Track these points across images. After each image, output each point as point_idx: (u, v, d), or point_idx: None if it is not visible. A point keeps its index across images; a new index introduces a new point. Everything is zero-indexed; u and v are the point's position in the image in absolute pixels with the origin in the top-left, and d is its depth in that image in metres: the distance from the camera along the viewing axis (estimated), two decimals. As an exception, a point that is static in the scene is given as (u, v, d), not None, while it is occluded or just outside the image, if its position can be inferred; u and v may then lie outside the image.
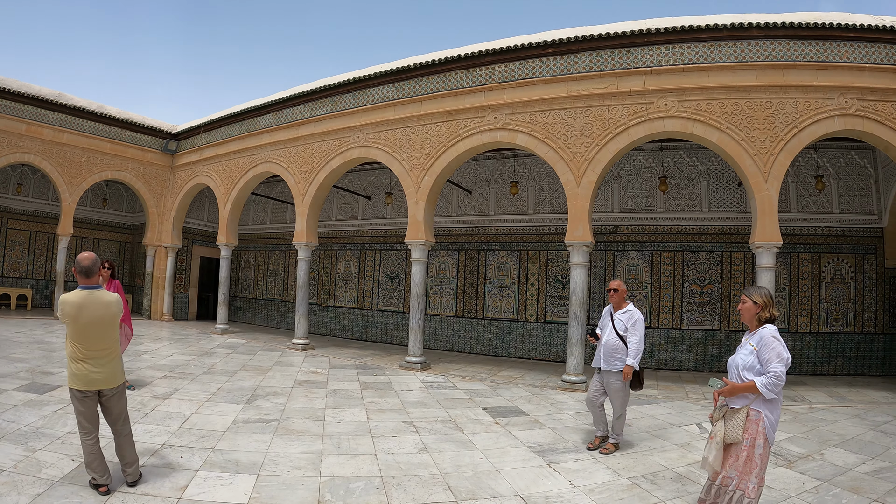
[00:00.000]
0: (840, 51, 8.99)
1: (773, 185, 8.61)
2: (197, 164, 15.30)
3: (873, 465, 5.64)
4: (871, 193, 11.49)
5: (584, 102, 9.27)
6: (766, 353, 3.23)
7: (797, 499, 4.54)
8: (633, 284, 11.95)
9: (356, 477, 4.45)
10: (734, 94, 8.83)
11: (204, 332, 14.01)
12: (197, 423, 5.74)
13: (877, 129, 8.79)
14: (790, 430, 6.94)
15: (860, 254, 11.45)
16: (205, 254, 17.78)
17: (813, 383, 10.35)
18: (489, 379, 9.47)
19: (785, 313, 11.49)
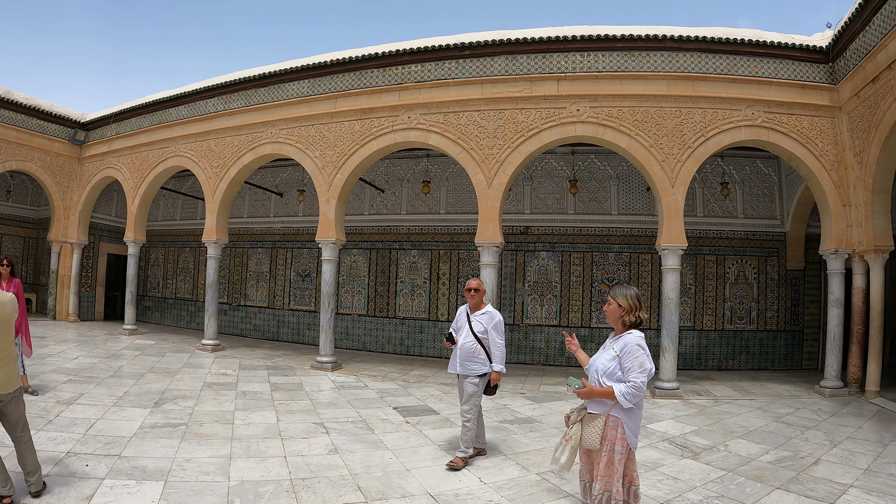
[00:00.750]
0: (749, 65, 9.33)
1: (680, 191, 8.87)
2: (106, 156, 14.47)
3: (776, 454, 5.88)
4: (775, 200, 12.11)
5: (498, 105, 9.30)
6: (628, 362, 3.11)
7: (703, 488, 4.69)
8: (544, 284, 12.17)
9: (266, 480, 4.39)
10: (645, 103, 9.04)
11: (111, 333, 13.35)
12: (103, 429, 5.54)
13: (781, 139, 9.19)
14: (696, 423, 7.17)
15: (763, 256, 12.09)
16: (112, 251, 16.85)
17: (718, 378, 10.82)
18: (400, 378, 9.48)
19: (690, 312, 12.01)
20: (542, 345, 12.06)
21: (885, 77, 8.14)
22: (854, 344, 9.42)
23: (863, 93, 8.78)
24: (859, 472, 5.34)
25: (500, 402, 7.83)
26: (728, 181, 12.02)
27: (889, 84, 8.06)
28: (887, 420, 7.68)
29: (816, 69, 9.62)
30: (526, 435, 6.18)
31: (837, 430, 7.05)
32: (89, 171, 14.97)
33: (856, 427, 7.22)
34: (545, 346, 12.07)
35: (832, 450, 6.12)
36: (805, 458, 5.72)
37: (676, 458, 5.59)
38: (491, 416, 6.92)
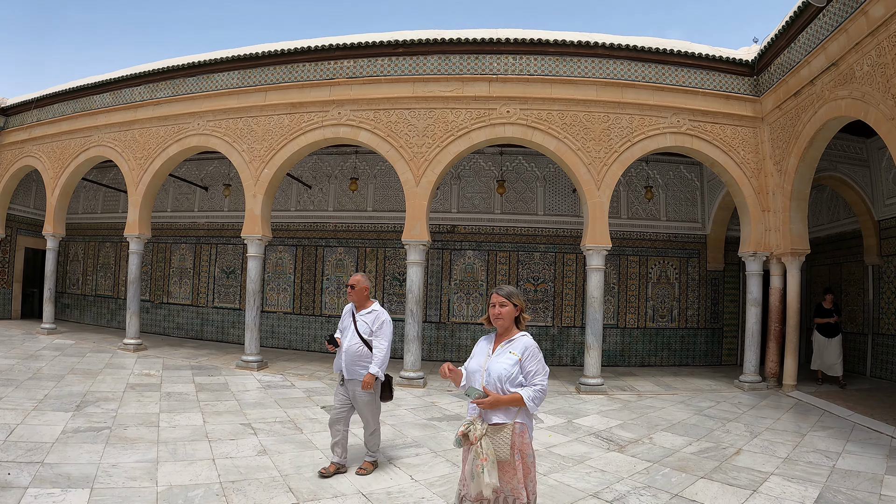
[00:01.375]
0: (677, 75, 9.62)
1: (605, 193, 9.10)
2: (25, 144, 13.65)
3: (699, 445, 6.14)
4: (697, 204, 12.62)
5: (429, 104, 9.30)
6: (532, 365, 3.03)
7: (630, 480, 4.85)
8: (470, 283, 12.24)
9: (195, 484, 4.29)
10: (574, 107, 9.23)
11: (29, 332, 12.69)
12: (24, 434, 5.31)
13: (705, 147, 9.51)
14: (621, 417, 7.41)
15: (685, 257, 12.58)
16: (30, 244, 15.92)
17: (642, 374, 11.21)
18: (328, 377, 9.34)
19: (614, 310, 12.37)
20: (469, 342, 12.05)
21: (806, 91, 8.55)
22: (772, 341, 9.97)
23: (785, 105, 9.18)
24: (779, 460, 5.63)
25: (429, 400, 7.90)
26: (652, 185, 12.42)
27: (810, 98, 8.47)
28: (804, 412, 8.13)
29: (741, 81, 10.01)
30: (455, 432, 6.14)
31: (757, 421, 7.40)
32: (7, 159, 14.08)
33: (774, 419, 7.59)
34: (471, 344, 11.73)
35: (753, 440, 6.42)
36: (727, 449, 5.98)
37: (603, 451, 5.76)
38: (419, 413, 7.03)
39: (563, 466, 5.20)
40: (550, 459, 5.39)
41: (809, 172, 9.15)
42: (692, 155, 10.03)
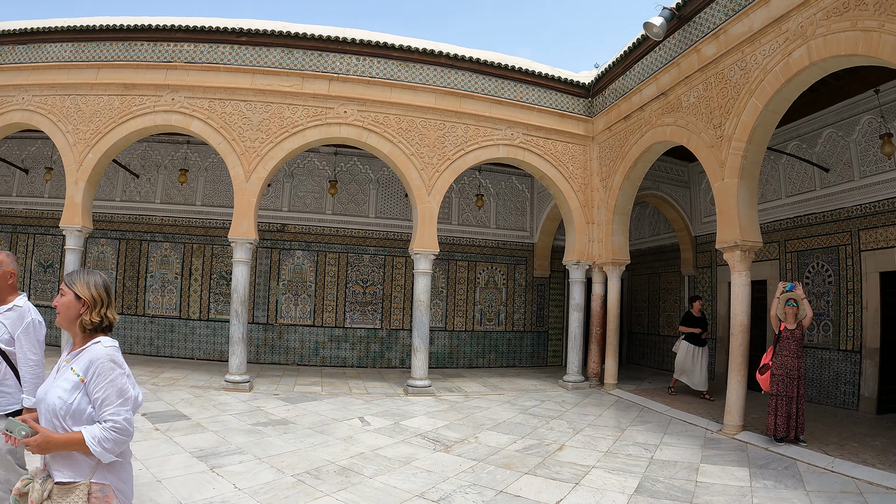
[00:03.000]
0: (516, 90, 10.12)
1: (436, 199, 9.40)
2: None
3: (523, 443, 6.41)
4: (526, 214, 13.41)
5: (267, 98, 9.14)
6: (101, 389, 2.08)
7: (455, 479, 4.98)
8: (299, 284, 12.13)
9: None
10: (412, 112, 9.44)
11: None
12: None
13: (536, 160, 10.08)
14: (448, 417, 7.61)
15: (513, 264, 13.30)
16: None
17: (469, 375, 11.67)
18: (150, 382, 8.96)
19: (442, 314, 12.79)
20: (297, 345, 12.03)
21: (636, 116, 9.35)
22: (593, 343, 10.82)
23: (615, 127, 9.97)
24: (600, 454, 6.02)
25: (254, 405, 7.76)
26: (484, 193, 13.01)
27: (639, 122, 9.27)
28: (624, 408, 8.80)
29: (576, 102, 10.71)
30: (280, 437, 6.16)
31: (580, 418, 7.87)
32: None
33: (596, 415, 8.14)
34: (300, 345, 12.05)
35: (575, 436, 6.83)
36: (550, 445, 6.32)
37: (430, 451, 5.89)
38: (244, 418, 6.90)
39: (389, 468, 5.26)
40: (377, 462, 5.44)
41: (633, 190, 9.99)
42: (523, 167, 10.56)
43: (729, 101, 7.35)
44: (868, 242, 8.36)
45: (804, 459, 6.01)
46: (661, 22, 8.17)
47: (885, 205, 8.12)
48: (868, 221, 8.37)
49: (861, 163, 8.51)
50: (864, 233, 8.41)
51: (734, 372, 7.24)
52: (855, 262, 8.57)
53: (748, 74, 7.04)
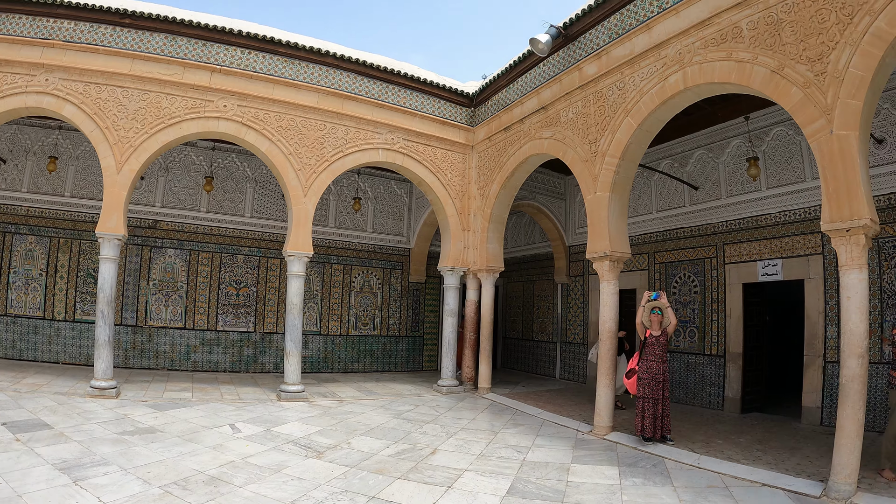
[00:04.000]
0: (400, 95, 11.41)
1: (312, 200, 10.41)
2: None
3: (397, 448, 7.00)
4: (404, 219, 15.00)
5: (146, 85, 9.48)
6: None
7: (327, 486, 5.36)
8: (170, 284, 12.61)
9: None
10: (293, 111, 10.38)
11: None
12: None
13: (415, 166, 11.47)
14: (321, 423, 8.18)
15: (388, 268, 14.81)
16: None
17: (344, 380, 12.77)
18: (11, 388, 8.96)
19: (317, 317, 14.00)
20: (167, 348, 12.40)
21: (516, 128, 10.92)
22: (468, 348, 12.30)
23: (495, 137, 11.56)
24: (473, 457, 6.69)
25: (121, 412, 7.90)
26: (362, 197, 14.36)
27: (518, 134, 10.84)
28: (498, 412, 9.86)
29: (459, 111, 12.24)
30: (147, 446, 6.29)
31: (454, 422, 8.71)
32: None
33: (470, 419, 9.07)
34: (170, 349, 12.45)
35: (448, 440, 7.53)
36: (424, 450, 6.92)
37: (301, 458, 6.29)
38: (110, 427, 7.02)
39: (260, 477, 5.50)
40: (248, 470, 5.68)
41: (509, 199, 11.65)
42: (402, 172, 11.94)
43: (605, 119, 8.69)
44: (732, 256, 10.44)
45: (672, 457, 6.98)
46: (546, 39, 9.38)
47: (748, 222, 10.20)
48: (733, 237, 10.45)
49: (728, 183, 10.61)
50: (729, 247, 10.50)
51: (603, 375, 8.44)
52: (720, 273, 10.62)
53: (625, 95, 8.33)
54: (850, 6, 5.74)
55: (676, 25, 7.50)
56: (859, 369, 5.64)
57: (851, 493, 5.61)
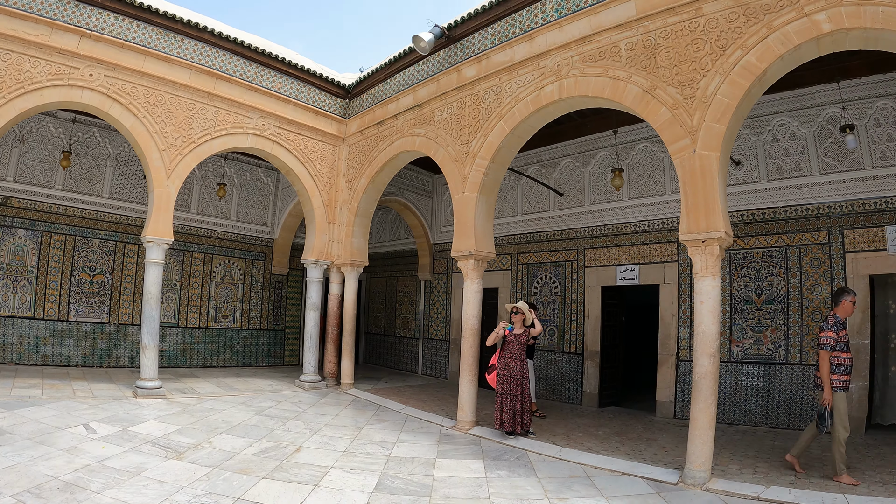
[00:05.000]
0: (276, 80, 12.31)
1: (175, 183, 10.84)
2: None
3: (260, 446, 7.37)
4: (269, 208, 16.05)
5: (9, 45, 9.26)
6: None
7: (190, 488, 5.52)
8: (19, 268, 12.48)
9: None
10: (163, 87, 10.73)
11: None
12: None
13: (284, 154, 12.46)
14: (180, 421, 8.41)
15: (251, 259, 15.79)
16: None
17: (203, 375, 13.36)
18: None
19: (175, 308, 14.58)
20: (15, 340, 12.31)
21: (389, 123, 12.12)
22: (330, 343, 13.40)
23: (367, 131, 12.77)
24: (339, 454, 7.15)
25: None
26: (227, 183, 15.19)
27: (391, 130, 12.05)
28: (361, 407, 10.64)
29: (334, 101, 13.42)
30: None
31: (317, 419, 9.27)
32: None
33: (334, 415, 9.69)
34: (18, 341, 12.34)
35: (312, 437, 8.00)
36: (288, 447, 7.33)
37: (161, 460, 6.44)
38: None
39: (118, 481, 5.56)
40: (104, 474, 5.73)
41: (377, 194, 12.97)
42: (270, 160, 12.88)
43: (479, 122, 9.77)
44: (592, 260, 12.45)
45: (535, 450, 7.85)
46: (430, 38, 10.22)
47: (609, 229, 12.25)
48: (594, 242, 12.46)
49: (593, 191, 12.64)
50: (590, 251, 12.52)
51: (465, 371, 9.47)
52: (580, 276, 12.61)
53: (501, 99, 9.42)
54: (725, 40, 6.97)
55: (558, 38, 8.65)
56: (711, 367, 6.75)
57: (706, 479, 6.65)
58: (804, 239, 10.15)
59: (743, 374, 10.39)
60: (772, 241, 10.43)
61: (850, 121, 9.30)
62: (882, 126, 9.59)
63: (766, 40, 6.66)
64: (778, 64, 6.72)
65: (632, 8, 7.93)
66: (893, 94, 9.55)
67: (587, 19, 8.37)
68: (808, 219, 10.12)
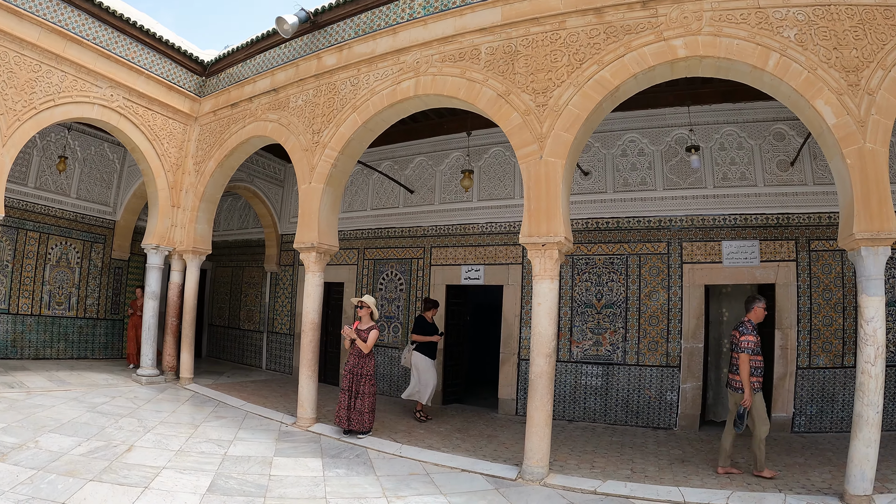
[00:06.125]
0: (132, 49, 12.70)
1: (11, 153, 10.80)
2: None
3: (89, 445, 7.52)
4: (112, 187, 16.43)
5: None
6: None
7: (12, 493, 5.58)
8: None
9: None
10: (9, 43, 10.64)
11: None
12: None
13: (130, 129, 12.92)
14: (6, 419, 8.51)
15: (90, 241, 16.08)
16: None
17: (35, 368, 13.38)
18: None
19: (6, 293, 14.47)
20: None
21: (244, 106, 12.82)
22: (169, 335, 13.81)
23: (221, 112, 13.45)
24: (172, 453, 7.41)
25: None
26: (70, 156, 15.27)
27: (244, 113, 12.76)
28: (200, 403, 11.06)
29: (190, 78, 14.02)
30: None
31: (153, 415, 9.56)
32: None
33: (171, 412, 10.04)
34: None
35: (146, 435, 8.26)
36: (119, 447, 7.51)
37: None
38: None
39: None
40: None
41: (224, 179, 13.71)
42: (115, 134, 13.12)
43: (333, 111, 10.44)
44: (439, 258, 13.91)
45: (375, 447, 8.50)
46: (294, 21, 10.72)
47: (457, 229, 13.77)
48: (441, 241, 13.91)
49: (443, 191, 14.15)
50: (436, 250, 13.98)
51: (305, 367, 10.03)
52: (426, 274, 14.03)
53: (357, 91, 10.13)
54: (583, 54, 8.02)
55: (422, 35, 9.53)
56: (547, 367, 7.60)
57: (544, 475, 7.45)
58: (645, 249, 12.17)
59: (583, 373, 12.21)
60: (614, 248, 12.38)
61: (696, 142, 11.31)
62: (726, 150, 11.85)
63: (622, 59, 7.88)
64: (631, 82, 8.01)
65: (498, 14, 8.99)
66: (740, 122, 11.84)
67: (453, 20, 9.34)
68: (649, 230, 12.15)
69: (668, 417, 11.56)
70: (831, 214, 11.13)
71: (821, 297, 11.08)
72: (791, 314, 11.17)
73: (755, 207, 11.58)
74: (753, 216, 11.57)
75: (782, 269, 11.29)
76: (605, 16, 8.27)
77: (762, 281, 11.47)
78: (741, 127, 11.83)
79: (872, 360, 6.87)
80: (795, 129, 11.39)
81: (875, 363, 6.85)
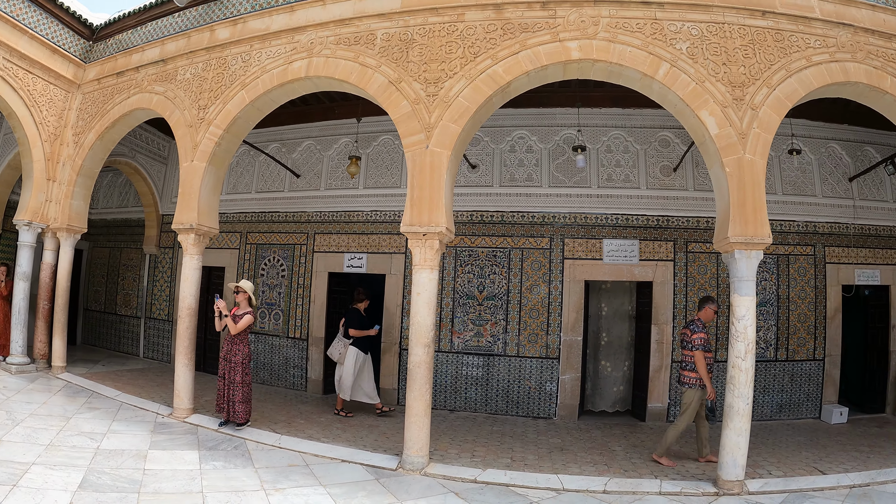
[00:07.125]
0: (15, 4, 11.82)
1: None
2: None
3: None
4: None
5: None
6: None
7: None
8: None
9: None
10: None
11: None
12: None
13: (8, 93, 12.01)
14: None
15: None
16: None
17: None
18: None
19: None
20: None
21: (130, 75, 12.31)
22: (40, 320, 13.09)
23: (105, 81, 12.93)
24: (42, 448, 7.21)
25: None
26: None
27: (130, 83, 12.28)
28: (73, 394, 10.81)
29: (77, 42, 13.42)
30: None
31: (22, 407, 9.29)
32: None
33: (41, 403, 9.77)
34: None
35: (14, 429, 8.00)
36: None
37: None
38: None
39: None
40: None
41: (104, 153, 13.20)
42: None
43: (221, 87, 10.30)
44: (322, 245, 14.16)
45: (253, 438, 8.59)
46: None
47: (341, 216, 14.07)
48: (324, 227, 14.19)
49: (329, 177, 14.38)
50: (320, 237, 14.21)
51: (181, 355, 9.92)
52: (308, 260, 14.23)
53: (248, 68, 10.04)
54: (478, 48, 8.28)
55: (320, 16, 9.50)
56: (425, 356, 7.83)
57: (424, 465, 7.69)
58: (528, 243, 12.88)
59: (464, 364, 12.82)
60: (497, 242, 13.03)
61: (583, 143, 11.86)
62: (613, 153, 12.73)
63: (517, 55, 8.26)
64: (524, 79, 8.43)
65: (397, 1, 9.16)
66: (628, 127, 12.75)
67: (352, 2, 9.42)
68: (533, 225, 12.87)
69: (548, 407, 12.25)
70: (709, 219, 12.28)
71: (696, 295, 12.11)
72: (667, 311, 12.23)
73: (637, 209, 12.57)
74: (635, 217, 12.55)
75: (660, 268, 12.31)
76: (504, 12, 8.64)
77: (641, 279, 12.46)
78: (629, 131, 12.78)
79: (743, 356, 7.71)
80: (680, 137, 12.44)
81: (745, 358, 7.70)
